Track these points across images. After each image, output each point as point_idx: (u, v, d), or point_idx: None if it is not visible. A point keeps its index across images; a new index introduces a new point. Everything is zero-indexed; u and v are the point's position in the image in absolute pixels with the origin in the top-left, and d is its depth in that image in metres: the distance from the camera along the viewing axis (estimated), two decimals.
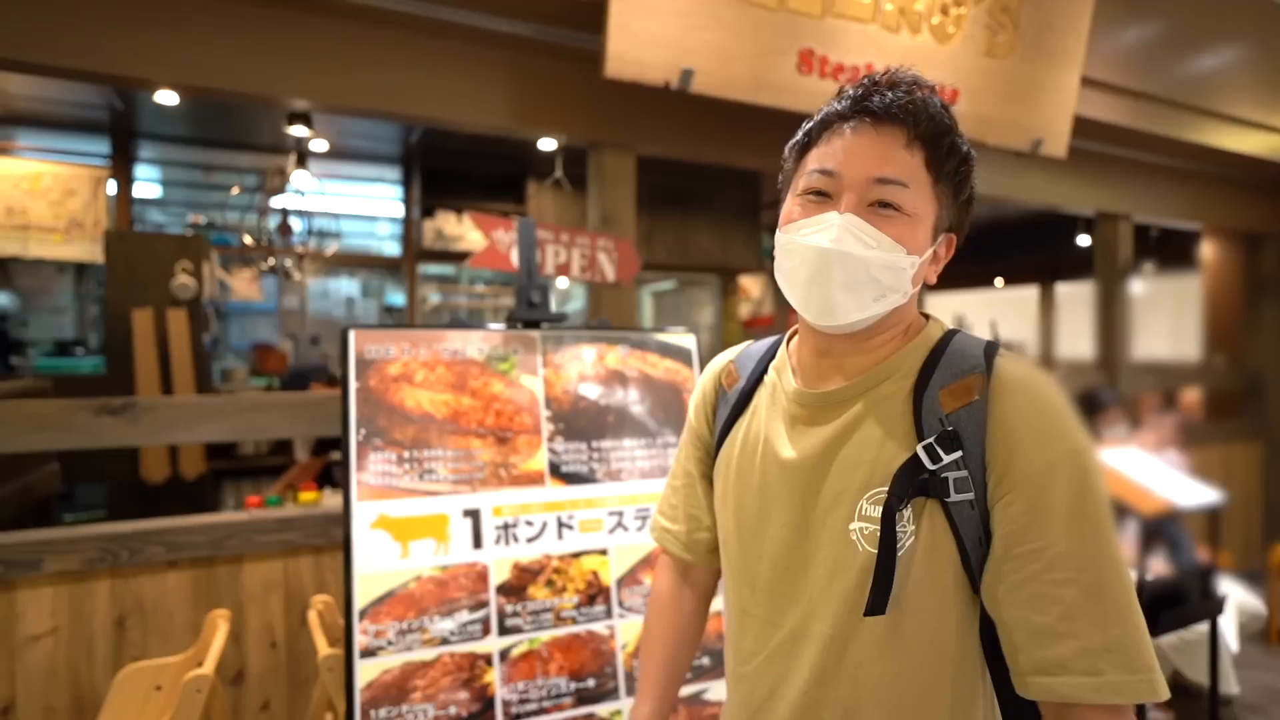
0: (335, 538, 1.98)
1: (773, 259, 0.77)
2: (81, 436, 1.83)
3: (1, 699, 1.72)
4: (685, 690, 1.62)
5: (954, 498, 0.65)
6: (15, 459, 2.78)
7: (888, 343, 0.74)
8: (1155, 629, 2.11)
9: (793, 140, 0.77)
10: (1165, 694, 0.61)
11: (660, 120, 2.59)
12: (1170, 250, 5.69)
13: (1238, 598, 2.65)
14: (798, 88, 2.27)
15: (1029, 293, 7.61)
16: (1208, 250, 4.82)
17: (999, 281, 7.99)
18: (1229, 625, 2.50)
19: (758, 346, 0.89)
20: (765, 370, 0.85)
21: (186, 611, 1.88)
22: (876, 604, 0.66)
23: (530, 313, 1.71)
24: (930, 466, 0.66)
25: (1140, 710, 2.18)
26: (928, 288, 0.79)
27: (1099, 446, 2.28)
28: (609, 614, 1.58)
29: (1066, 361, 3.55)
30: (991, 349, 0.70)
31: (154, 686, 1.53)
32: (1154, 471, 2.21)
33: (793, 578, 0.74)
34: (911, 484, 0.66)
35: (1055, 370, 3.52)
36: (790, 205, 0.75)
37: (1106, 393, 2.65)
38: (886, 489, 0.67)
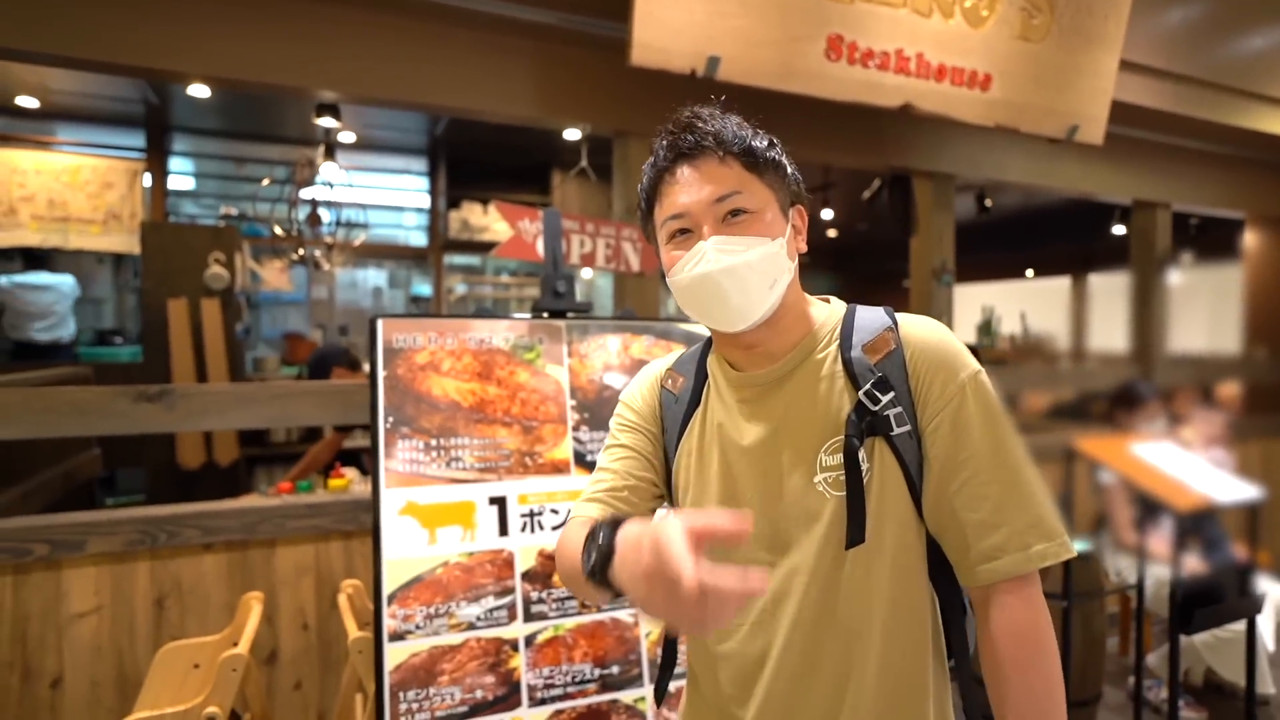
0: (365, 523, 2.02)
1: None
2: (121, 422, 1.88)
3: (51, 672, 1.78)
4: None
5: (896, 431, 0.78)
6: (59, 444, 2.87)
7: (798, 321, 0.86)
8: (1189, 627, 2.07)
9: (638, 205, 0.89)
10: (1073, 551, 0.75)
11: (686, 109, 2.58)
12: (1210, 239, 5.53)
13: (1276, 596, 2.58)
14: (826, 74, 2.24)
15: (1061, 284, 7.45)
16: (1250, 239, 4.67)
17: (1029, 272, 7.84)
18: (1267, 624, 2.45)
19: (690, 352, 0.98)
20: (704, 369, 0.93)
21: (222, 593, 1.92)
22: (855, 534, 0.78)
23: (555, 302, 1.71)
24: (873, 408, 0.79)
25: (1174, 710, 2.14)
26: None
27: (1137, 441, 2.24)
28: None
29: (1099, 354, 3.47)
30: (889, 312, 0.85)
31: (192, 665, 1.58)
32: (1190, 466, 2.15)
33: (767, 545, 0.83)
34: (862, 424, 0.79)
35: (1087, 362, 3.44)
36: (666, 255, 0.85)
37: (1145, 387, 2.59)
38: (840, 438, 0.79)
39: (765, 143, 0.83)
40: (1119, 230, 5.20)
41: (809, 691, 0.81)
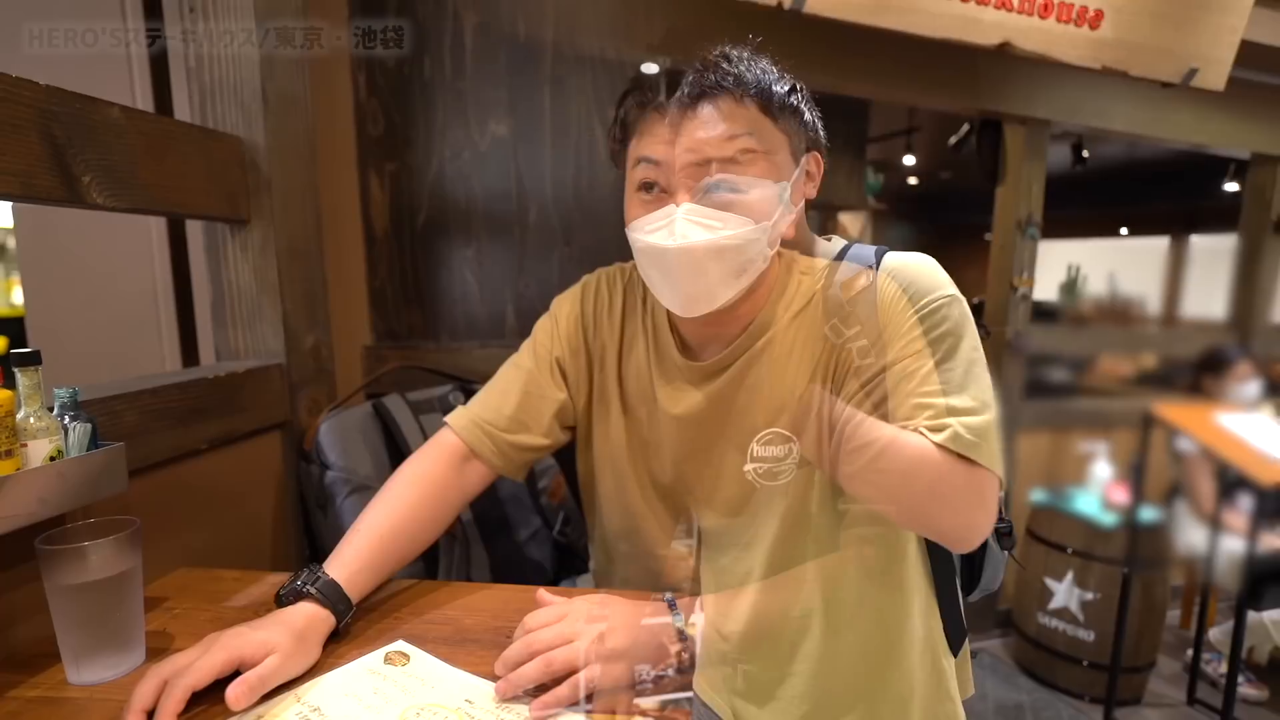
0: None
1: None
2: None
3: None
4: None
5: (859, 362, 0.73)
6: None
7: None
8: (1260, 603, 2.01)
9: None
10: (999, 469, 0.65)
11: (766, 44, 2.49)
12: None
13: None
14: (920, 8, 2.12)
15: (1158, 244, 6.98)
16: None
17: (1123, 231, 7.37)
18: None
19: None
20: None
21: None
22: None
23: None
24: (835, 340, 0.75)
25: (1229, 696, 2.09)
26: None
27: (1224, 410, 2.14)
28: None
29: (1191, 321, 3.28)
30: (881, 251, 0.77)
31: None
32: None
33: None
34: (832, 365, 0.75)
35: (1177, 329, 3.26)
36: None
37: (1231, 349, 2.45)
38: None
39: (790, 83, 0.77)
40: (1231, 187, 4.81)
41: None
